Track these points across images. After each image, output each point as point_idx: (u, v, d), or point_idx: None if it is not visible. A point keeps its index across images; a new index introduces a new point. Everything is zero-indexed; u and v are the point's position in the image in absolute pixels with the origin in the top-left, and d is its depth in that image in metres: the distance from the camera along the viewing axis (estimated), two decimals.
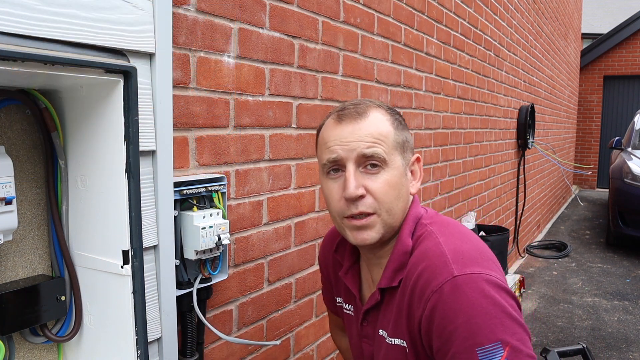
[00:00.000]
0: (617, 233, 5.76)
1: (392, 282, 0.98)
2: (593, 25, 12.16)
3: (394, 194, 0.96)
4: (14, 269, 1.02)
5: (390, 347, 0.99)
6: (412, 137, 1.05)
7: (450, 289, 0.85)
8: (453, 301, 0.84)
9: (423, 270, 0.91)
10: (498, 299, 0.84)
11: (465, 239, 0.95)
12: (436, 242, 0.94)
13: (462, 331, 0.83)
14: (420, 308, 0.89)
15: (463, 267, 0.87)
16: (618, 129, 10.65)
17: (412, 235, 0.99)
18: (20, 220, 1.00)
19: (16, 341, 1.03)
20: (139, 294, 1.02)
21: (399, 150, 0.98)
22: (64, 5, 0.88)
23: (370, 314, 1.06)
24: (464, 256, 0.89)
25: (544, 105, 6.14)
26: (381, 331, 1.02)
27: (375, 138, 0.95)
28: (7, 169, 0.91)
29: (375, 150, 0.94)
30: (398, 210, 0.98)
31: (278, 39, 1.54)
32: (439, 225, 0.99)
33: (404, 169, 0.99)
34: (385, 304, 1.01)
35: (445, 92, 2.92)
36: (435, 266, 0.89)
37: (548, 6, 6.08)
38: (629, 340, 3.48)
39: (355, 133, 0.96)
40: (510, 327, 0.83)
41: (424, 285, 0.89)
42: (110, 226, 1.02)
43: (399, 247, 0.98)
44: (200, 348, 1.31)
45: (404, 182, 0.99)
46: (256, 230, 1.51)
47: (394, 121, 1.00)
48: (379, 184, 0.95)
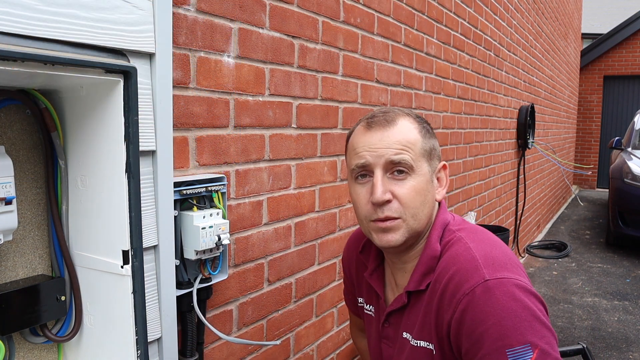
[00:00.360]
0: (617, 233, 5.75)
1: (419, 285, 1.00)
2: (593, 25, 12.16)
3: (419, 199, 0.99)
4: (14, 269, 1.02)
5: (416, 350, 1.01)
6: (439, 145, 1.08)
7: (482, 291, 0.88)
8: (484, 304, 0.87)
9: (454, 273, 0.93)
10: (528, 303, 0.87)
11: (494, 245, 0.98)
12: (466, 247, 0.97)
13: (493, 333, 0.85)
14: (451, 310, 0.91)
15: (494, 272, 0.90)
16: (618, 129, 10.65)
17: (440, 240, 1.02)
18: (20, 220, 1.00)
19: (16, 341, 1.03)
20: (139, 294, 1.02)
21: (425, 157, 1.01)
22: (64, 5, 0.88)
23: (394, 316, 1.08)
24: (495, 261, 0.92)
25: (544, 105, 6.14)
26: (405, 334, 1.04)
27: (403, 145, 0.99)
28: (7, 169, 0.91)
29: (402, 157, 0.98)
30: (423, 215, 1.01)
31: (278, 39, 1.54)
32: (468, 232, 1.02)
33: (430, 176, 1.02)
34: (411, 307, 1.03)
35: (445, 92, 2.92)
36: (467, 270, 0.92)
37: (548, 6, 6.08)
38: (629, 340, 3.48)
39: (383, 140, 1.00)
40: (539, 330, 0.86)
41: (455, 288, 0.92)
42: (110, 226, 1.02)
43: (428, 252, 1.01)
44: (200, 348, 1.31)
45: (429, 188, 1.01)
46: (256, 230, 1.51)
47: (421, 129, 1.03)
48: (405, 189, 0.98)
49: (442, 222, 1.04)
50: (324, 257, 1.86)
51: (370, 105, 2.09)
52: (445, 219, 1.06)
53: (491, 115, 3.87)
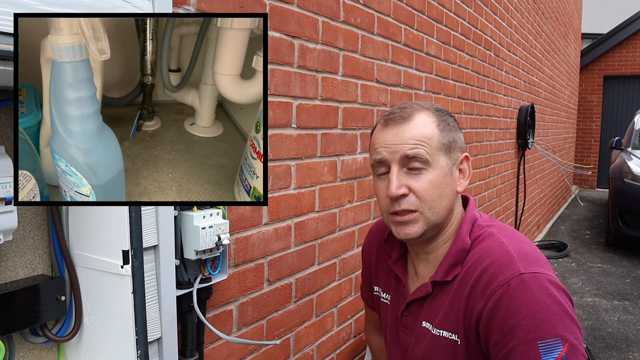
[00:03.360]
0: (617, 233, 5.75)
1: (446, 276, 1.03)
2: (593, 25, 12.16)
3: (436, 192, 1.02)
4: (14, 269, 1.02)
5: (437, 339, 1.03)
6: (462, 137, 1.09)
7: (517, 284, 0.91)
8: (519, 296, 0.90)
9: (488, 265, 0.96)
10: (559, 298, 0.91)
11: (524, 241, 1.02)
12: (499, 242, 1.00)
13: (526, 324, 0.88)
14: (483, 300, 0.94)
15: (528, 266, 0.93)
16: (618, 129, 10.65)
17: (469, 234, 1.05)
18: (20, 220, 1.00)
19: (16, 341, 1.03)
20: (139, 294, 1.02)
21: (443, 151, 1.03)
22: (64, 5, 0.88)
23: (414, 305, 1.10)
24: (528, 256, 0.96)
25: (544, 105, 6.14)
26: (425, 323, 1.06)
27: (417, 140, 1.01)
28: (7, 169, 0.91)
29: (417, 152, 1.00)
30: (441, 208, 1.03)
31: (278, 38, 1.54)
32: (498, 228, 1.05)
33: (449, 169, 1.04)
34: (435, 296, 1.05)
35: (445, 92, 2.92)
36: (502, 263, 0.95)
37: (548, 6, 6.08)
38: (629, 340, 3.48)
39: (398, 136, 1.03)
40: (570, 325, 0.89)
41: (489, 279, 0.94)
42: (110, 226, 1.02)
43: (457, 244, 1.04)
44: (200, 348, 1.31)
45: (448, 181, 1.03)
46: (256, 230, 1.51)
47: (440, 122, 1.04)
48: (421, 183, 1.01)
49: (472, 217, 1.08)
50: (324, 257, 1.86)
51: (370, 105, 2.09)
52: (475, 215, 1.09)
53: (491, 115, 3.87)
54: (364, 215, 2.11)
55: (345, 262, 2.01)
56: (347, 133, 1.94)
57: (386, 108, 2.23)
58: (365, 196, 2.11)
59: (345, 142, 1.93)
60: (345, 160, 1.94)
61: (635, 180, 5.59)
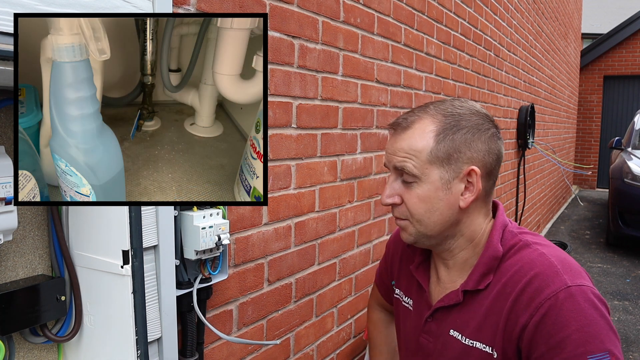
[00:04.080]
0: (617, 233, 5.75)
1: (478, 284, 1.01)
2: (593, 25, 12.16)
3: (424, 207, 1.00)
4: (14, 269, 1.02)
5: (468, 349, 1.01)
6: (481, 146, 0.99)
7: (565, 297, 0.90)
8: (568, 309, 0.89)
9: (533, 278, 0.94)
10: (604, 312, 0.91)
11: (561, 251, 1.00)
12: (539, 252, 0.98)
13: (576, 338, 0.87)
14: (528, 314, 0.92)
15: (574, 279, 0.92)
16: (618, 129, 10.65)
17: (501, 242, 1.02)
18: (20, 220, 1.00)
19: (16, 341, 1.03)
20: (139, 294, 1.02)
21: (437, 163, 0.98)
22: (64, 5, 0.88)
23: (441, 312, 1.08)
24: (572, 268, 0.95)
25: (544, 105, 6.14)
26: (453, 332, 1.04)
27: (406, 153, 0.99)
28: (7, 169, 0.91)
29: (404, 165, 0.99)
30: (430, 222, 1.01)
31: (278, 38, 1.54)
32: (533, 236, 1.03)
33: (443, 183, 0.98)
34: (465, 305, 1.03)
35: (445, 92, 2.92)
36: (547, 275, 0.93)
37: (548, 6, 6.08)
38: (629, 340, 3.48)
39: (393, 146, 1.02)
40: (614, 339, 0.89)
41: (535, 292, 0.93)
42: (110, 226, 1.02)
43: (490, 252, 1.01)
44: (200, 348, 1.31)
45: (441, 196, 0.99)
46: (256, 230, 1.51)
47: (441, 132, 0.98)
48: (410, 196, 1.00)
49: (502, 224, 1.05)
50: (324, 257, 1.86)
51: (370, 105, 2.09)
52: (504, 221, 1.06)
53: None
54: (364, 215, 2.11)
55: (345, 262, 2.01)
56: (347, 133, 1.94)
57: (386, 108, 2.23)
58: (365, 196, 2.11)
59: (345, 142, 1.93)
60: (345, 160, 1.94)
61: (635, 180, 5.59)
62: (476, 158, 0.99)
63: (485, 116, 1.03)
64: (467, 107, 1.02)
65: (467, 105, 1.03)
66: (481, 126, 1.00)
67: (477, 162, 0.99)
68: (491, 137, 1.01)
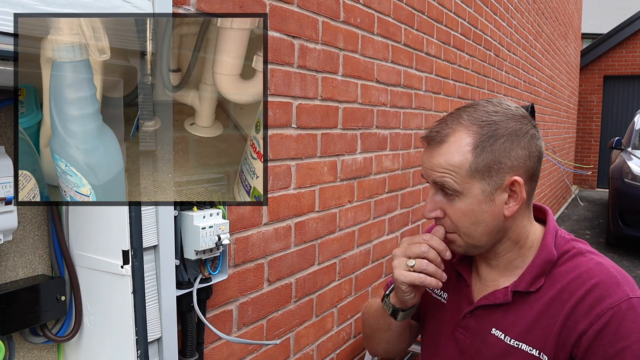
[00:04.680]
0: (617, 233, 5.75)
1: (530, 286, 1.01)
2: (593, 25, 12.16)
3: (468, 220, 0.99)
4: (14, 269, 1.02)
5: (512, 350, 1.01)
6: (521, 153, 0.96)
7: (627, 308, 0.91)
8: (630, 320, 0.91)
9: (594, 286, 0.95)
10: None
11: (615, 263, 1.02)
12: (596, 261, 0.99)
13: (636, 349, 0.89)
14: (586, 321, 0.93)
15: (634, 290, 0.94)
16: (618, 129, 10.65)
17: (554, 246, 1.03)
18: (20, 220, 1.00)
19: (16, 341, 1.03)
20: (139, 294, 1.02)
21: (478, 177, 0.96)
22: (64, 5, 0.88)
23: (483, 310, 1.07)
24: (629, 280, 0.97)
25: (544, 105, 6.14)
26: (496, 331, 1.04)
27: (444, 169, 0.97)
28: (7, 169, 0.91)
29: (444, 181, 0.97)
30: (477, 234, 1.00)
31: (278, 38, 1.54)
32: (583, 244, 1.04)
33: (486, 195, 0.97)
34: (513, 306, 1.03)
35: (445, 92, 2.92)
36: (608, 285, 0.95)
37: (548, 6, 6.08)
38: None
39: (430, 160, 0.99)
40: None
41: (596, 300, 0.94)
42: (110, 226, 1.02)
43: (544, 256, 1.01)
44: (200, 348, 1.31)
45: (485, 208, 0.97)
46: (256, 230, 1.51)
47: (479, 144, 0.95)
48: (453, 210, 0.99)
49: (554, 229, 1.05)
50: (324, 257, 1.86)
51: (370, 105, 2.09)
52: (556, 226, 1.07)
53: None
54: (364, 215, 2.11)
55: (345, 262, 2.01)
56: (347, 133, 1.94)
57: (386, 108, 2.23)
58: (365, 196, 2.11)
59: (345, 142, 1.93)
60: (345, 160, 1.94)
61: (635, 180, 5.59)
62: (517, 166, 0.97)
63: (521, 117, 0.99)
64: (501, 112, 0.98)
65: (501, 110, 0.98)
66: (519, 131, 0.97)
67: (518, 170, 0.97)
68: (530, 139, 0.98)
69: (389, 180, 2.31)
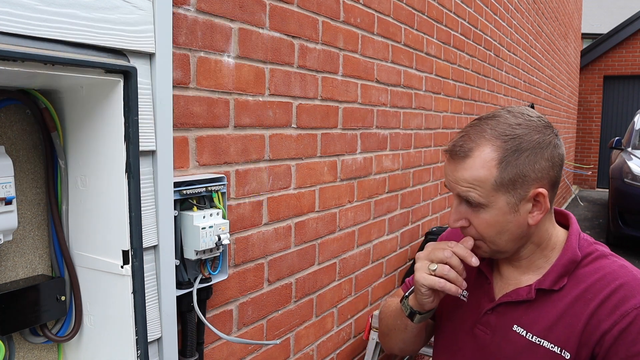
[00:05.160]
0: (617, 233, 5.75)
1: (554, 285, 1.03)
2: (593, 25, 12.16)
3: (494, 230, 1.01)
4: (14, 269, 1.02)
5: (534, 347, 1.03)
6: (538, 168, 0.97)
7: None
8: None
9: (619, 287, 0.98)
10: None
11: (635, 267, 1.05)
12: (620, 264, 1.03)
13: None
14: (611, 320, 0.96)
15: None
16: (618, 129, 10.65)
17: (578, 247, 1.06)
18: (20, 220, 1.00)
19: (16, 341, 1.03)
20: (139, 294, 1.02)
21: (502, 190, 0.97)
22: (64, 5, 0.88)
23: (505, 307, 1.09)
24: None
25: (544, 105, 6.14)
26: (518, 327, 1.06)
27: (469, 183, 0.98)
28: (7, 169, 0.91)
29: (469, 195, 0.99)
30: (502, 242, 1.02)
31: (278, 38, 1.54)
32: (605, 248, 1.08)
33: (510, 207, 0.99)
34: (535, 303, 1.05)
35: (445, 92, 2.92)
36: (633, 287, 0.98)
37: (548, 6, 6.08)
38: None
39: (454, 174, 1.01)
40: None
41: (621, 300, 0.97)
42: (110, 226, 1.02)
43: (569, 256, 1.04)
44: (200, 348, 1.31)
45: (510, 219, 1.00)
46: (256, 230, 1.51)
47: (503, 159, 0.97)
48: (478, 220, 1.01)
49: (577, 231, 1.08)
50: (324, 257, 1.86)
51: (370, 105, 2.09)
52: (579, 229, 1.10)
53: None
54: (364, 215, 2.11)
55: (345, 262, 2.01)
56: (347, 133, 1.94)
57: (386, 108, 2.23)
58: (365, 196, 2.11)
59: (345, 142, 1.93)
60: (345, 160, 1.94)
61: (635, 180, 5.59)
62: (541, 177, 0.99)
63: (543, 127, 1.00)
64: (524, 124, 0.99)
65: (523, 122, 0.99)
66: (542, 143, 0.99)
67: (542, 181, 0.99)
68: (553, 149, 1.00)
69: (388, 180, 2.31)
